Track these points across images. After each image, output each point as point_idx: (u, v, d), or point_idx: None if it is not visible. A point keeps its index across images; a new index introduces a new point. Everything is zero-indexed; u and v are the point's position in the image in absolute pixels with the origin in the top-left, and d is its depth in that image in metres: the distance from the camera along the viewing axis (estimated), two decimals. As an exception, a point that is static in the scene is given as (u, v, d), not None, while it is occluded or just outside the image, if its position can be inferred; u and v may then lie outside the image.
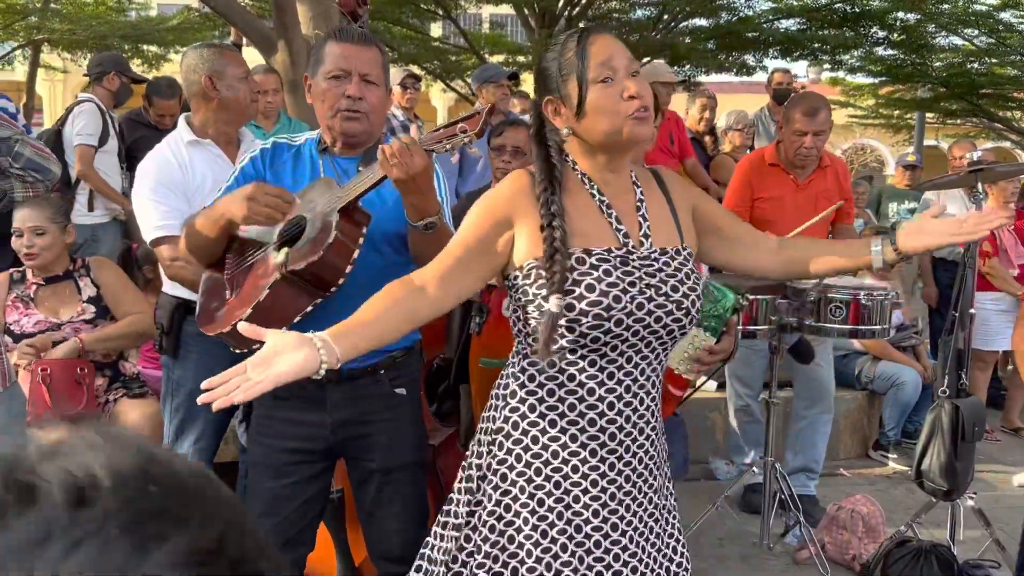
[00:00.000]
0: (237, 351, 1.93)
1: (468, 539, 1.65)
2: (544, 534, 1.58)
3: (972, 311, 3.12)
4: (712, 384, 4.42)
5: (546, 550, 1.58)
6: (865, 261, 1.74)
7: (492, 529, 1.62)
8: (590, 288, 1.53)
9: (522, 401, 1.62)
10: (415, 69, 9.54)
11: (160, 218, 2.53)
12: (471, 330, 3.35)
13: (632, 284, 1.56)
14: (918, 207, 5.93)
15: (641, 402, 1.61)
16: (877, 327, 3.16)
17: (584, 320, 1.53)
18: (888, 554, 2.87)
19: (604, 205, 1.62)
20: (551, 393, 1.60)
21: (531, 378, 1.62)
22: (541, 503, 1.59)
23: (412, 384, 2.19)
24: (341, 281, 1.86)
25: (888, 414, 4.84)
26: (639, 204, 1.65)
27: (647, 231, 1.63)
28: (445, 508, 1.74)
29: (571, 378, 1.58)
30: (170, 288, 2.72)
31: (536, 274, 1.58)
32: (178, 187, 2.59)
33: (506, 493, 1.61)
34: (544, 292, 1.55)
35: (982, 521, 3.17)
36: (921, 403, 4.73)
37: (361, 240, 1.87)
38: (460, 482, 1.72)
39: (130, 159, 4.91)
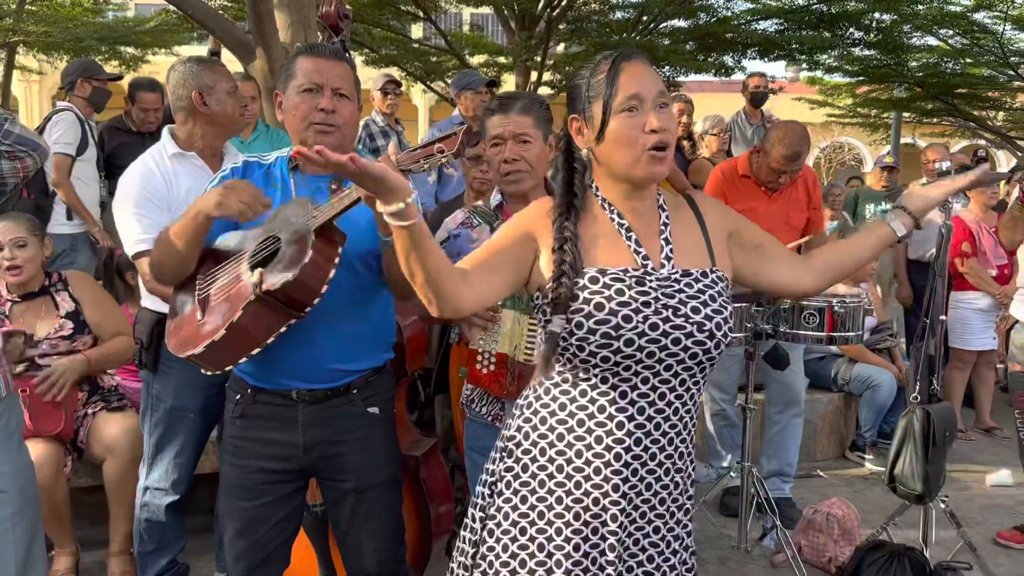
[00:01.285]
0: (209, 372, 1.94)
1: (482, 556, 1.64)
2: (540, 547, 1.58)
3: (943, 318, 3.18)
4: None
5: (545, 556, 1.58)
6: (889, 237, 1.75)
7: (501, 536, 1.62)
8: (599, 307, 1.52)
9: (535, 412, 1.63)
10: (395, 71, 9.53)
11: (142, 231, 2.53)
12: (450, 340, 3.37)
13: (647, 304, 1.53)
14: (893, 209, 6.01)
15: (657, 427, 1.56)
16: (851, 333, 3.21)
17: (592, 339, 1.51)
18: (862, 558, 2.92)
19: (624, 229, 1.61)
20: (563, 407, 1.60)
21: (547, 391, 1.62)
22: (541, 516, 1.59)
23: (385, 403, 2.19)
24: (316, 301, 1.86)
25: (864, 415, 4.91)
26: (663, 227, 1.63)
27: (669, 253, 1.60)
28: (465, 521, 1.73)
29: (583, 393, 1.57)
30: (150, 303, 2.72)
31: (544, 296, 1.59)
32: (161, 200, 2.59)
33: (508, 500, 1.62)
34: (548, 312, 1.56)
35: (954, 523, 3.24)
36: (896, 404, 4.81)
37: (337, 260, 1.86)
38: (475, 496, 1.72)
39: (111, 167, 4.90)
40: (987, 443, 5.26)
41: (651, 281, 1.56)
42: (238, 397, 2.11)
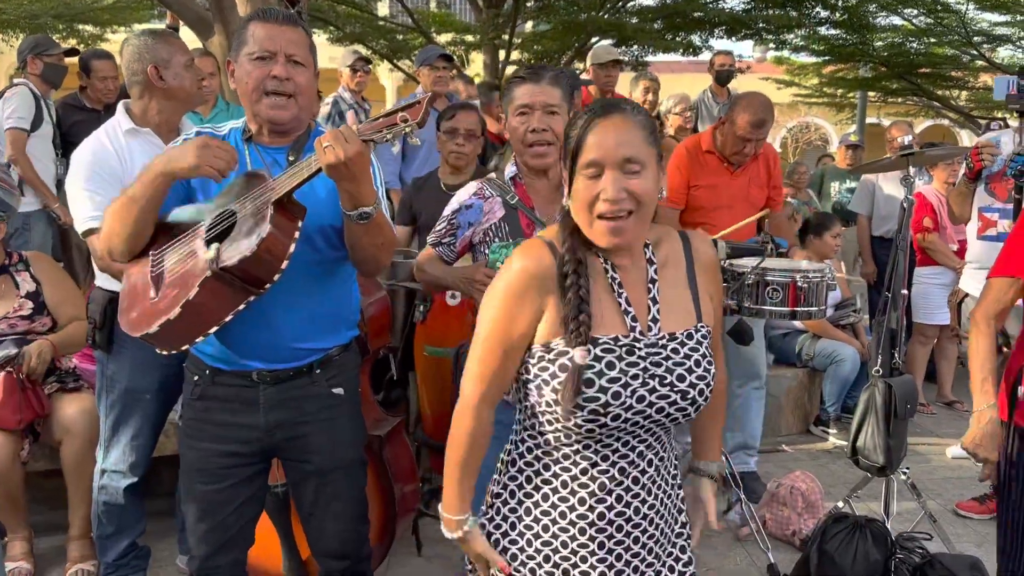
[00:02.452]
0: (164, 352, 1.89)
1: None
2: None
3: (904, 292, 3.21)
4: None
5: None
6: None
7: None
8: (589, 383, 1.47)
9: (520, 471, 1.61)
10: (361, 49, 9.41)
11: (94, 209, 2.46)
12: (415, 319, 3.35)
13: (635, 377, 1.49)
14: (857, 187, 6.06)
15: (635, 481, 1.56)
16: (814, 308, 3.22)
17: (580, 413, 1.48)
18: (825, 530, 2.95)
19: (616, 284, 1.54)
20: (547, 468, 1.57)
21: (528, 450, 1.60)
22: (533, 572, 1.58)
23: (350, 383, 2.15)
24: (276, 278, 1.79)
25: (828, 390, 4.96)
26: (651, 285, 1.56)
27: (656, 314, 1.55)
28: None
29: (565, 456, 1.55)
30: (103, 281, 2.66)
31: (540, 356, 1.52)
32: (114, 177, 2.52)
33: (504, 551, 1.61)
34: (555, 366, 1.50)
35: (915, 495, 3.28)
36: (860, 380, 4.86)
37: (296, 234, 1.79)
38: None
39: (66, 144, 4.80)
40: (948, 416, 5.34)
41: (639, 350, 1.52)
42: (196, 379, 2.06)
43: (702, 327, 1.58)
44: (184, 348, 1.87)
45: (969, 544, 3.48)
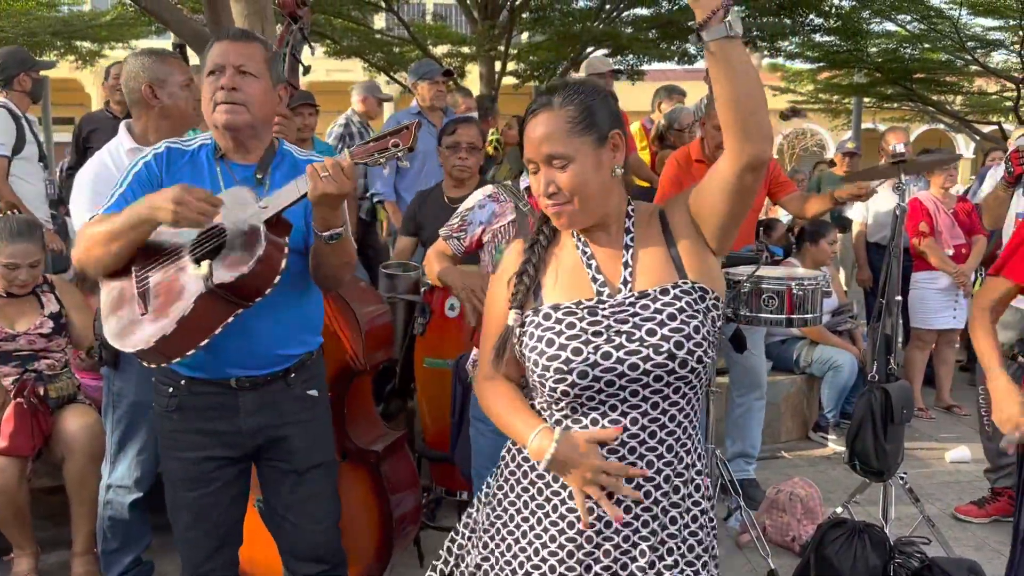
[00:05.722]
0: (152, 365, 1.93)
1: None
2: None
3: (898, 298, 3.24)
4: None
5: None
6: (710, 53, 1.45)
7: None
8: (550, 343, 1.53)
9: (519, 450, 1.66)
10: (357, 62, 9.47)
11: None
12: (414, 331, 3.38)
13: (597, 334, 1.52)
14: (853, 193, 6.09)
15: (632, 451, 1.53)
16: (809, 315, 3.26)
17: (548, 375, 1.52)
18: (824, 535, 2.97)
19: (586, 256, 1.61)
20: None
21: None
22: (531, 559, 1.60)
23: (322, 385, 2.24)
24: (268, 292, 1.87)
25: (826, 396, 4.99)
26: (625, 250, 1.60)
27: (627, 277, 1.58)
28: (466, 520, 1.78)
29: (558, 423, 1.57)
30: (107, 299, 2.69)
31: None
32: None
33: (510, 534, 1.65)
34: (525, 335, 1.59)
35: (913, 499, 3.30)
36: (858, 385, 4.89)
37: (286, 251, 1.89)
38: (478, 513, 1.75)
39: (86, 152, 4.77)
40: (947, 421, 5.37)
41: (603, 309, 1.55)
42: (171, 390, 2.09)
43: (683, 283, 1.55)
44: (175, 361, 1.91)
45: (968, 548, 3.50)
